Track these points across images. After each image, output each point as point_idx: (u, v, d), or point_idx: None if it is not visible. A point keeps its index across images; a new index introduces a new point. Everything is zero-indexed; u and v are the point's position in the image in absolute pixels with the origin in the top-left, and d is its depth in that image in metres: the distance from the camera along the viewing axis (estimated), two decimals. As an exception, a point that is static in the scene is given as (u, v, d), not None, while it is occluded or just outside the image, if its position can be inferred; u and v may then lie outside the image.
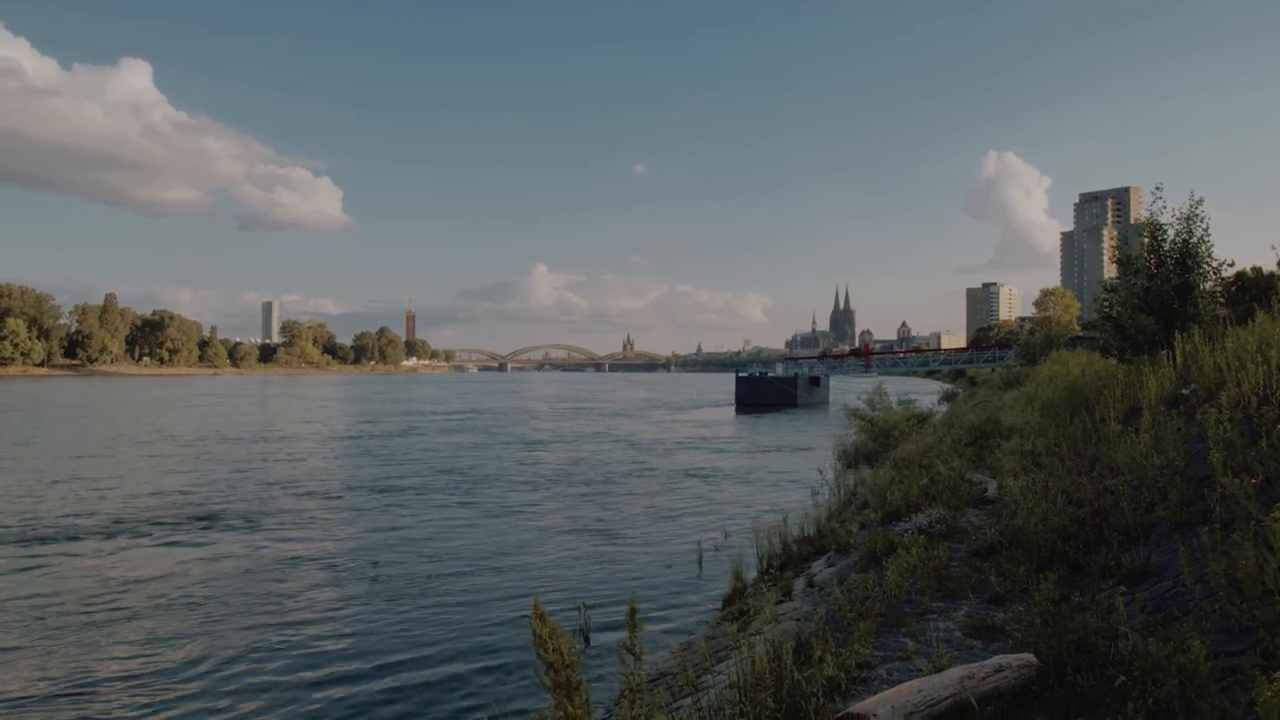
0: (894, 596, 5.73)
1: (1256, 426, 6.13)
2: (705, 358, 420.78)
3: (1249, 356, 7.63)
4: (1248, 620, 3.65)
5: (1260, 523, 4.07)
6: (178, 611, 9.54)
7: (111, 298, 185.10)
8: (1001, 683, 3.70)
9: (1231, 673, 3.33)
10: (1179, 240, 12.79)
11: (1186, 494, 5.80)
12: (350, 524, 15.08)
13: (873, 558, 7.15)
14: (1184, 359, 10.15)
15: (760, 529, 10.56)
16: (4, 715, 6.72)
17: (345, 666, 7.84)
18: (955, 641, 4.81)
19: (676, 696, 5.49)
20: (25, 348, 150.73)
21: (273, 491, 18.65)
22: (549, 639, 3.19)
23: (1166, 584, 4.71)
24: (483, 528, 14.68)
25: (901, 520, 8.40)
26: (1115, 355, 14.18)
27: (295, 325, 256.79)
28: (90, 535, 13.65)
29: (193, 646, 8.34)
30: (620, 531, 14.29)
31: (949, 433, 15.65)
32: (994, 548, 6.36)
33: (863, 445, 21.18)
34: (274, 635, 8.70)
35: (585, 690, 3.28)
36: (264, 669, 7.77)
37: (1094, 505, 6.36)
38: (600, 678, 6.71)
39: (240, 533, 14.04)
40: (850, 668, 4.42)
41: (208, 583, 10.77)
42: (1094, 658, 3.83)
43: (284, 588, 10.62)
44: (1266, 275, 19.02)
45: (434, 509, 16.62)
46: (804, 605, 6.86)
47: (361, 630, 8.91)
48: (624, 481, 20.68)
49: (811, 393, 62.30)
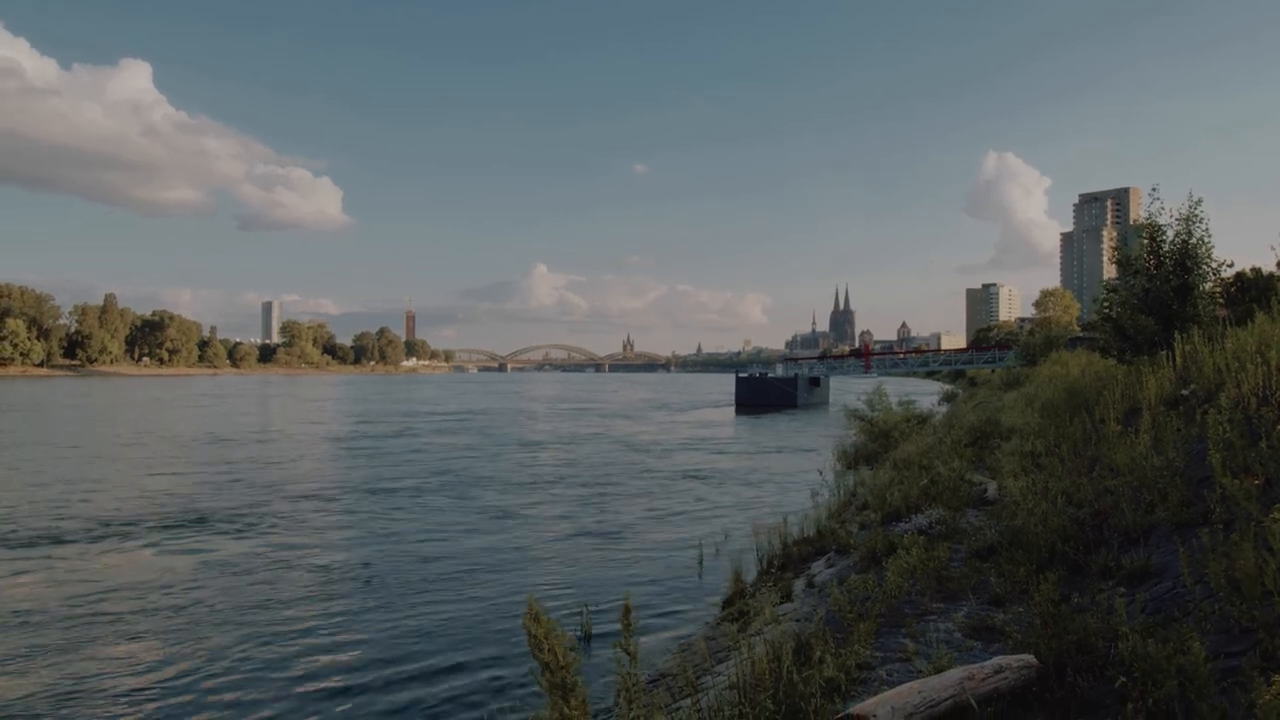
0: (894, 597, 5.72)
1: (1256, 427, 6.13)
2: (705, 358, 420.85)
3: (1248, 357, 7.63)
4: (1247, 621, 3.64)
5: (1260, 524, 4.07)
6: (168, 616, 9.44)
7: (111, 298, 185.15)
8: (1001, 684, 3.70)
9: (1231, 674, 3.33)
10: (1178, 241, 12.79)
11: (1186, 495, 5.80)
12: (347, 526, 15.06)
13: (873, 558, 7.14)
14: (1184, 360, 10.15)
15: (760, 530, 10.56)
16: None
17: (343, 668, 7.83)
18: (955, 642, 4.81)
19: (676, 697, 5.49)
20: (25, 348, 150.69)
21: (267, 494, 18.63)
22: (544, 639, 3.18)
23: (1166, 585, 4.70)
24: (482, 529, 14.67)
25: (901, 521, 8.40)
26: (1115, 356, 14.18)
27: (295, 325, 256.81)
28: (76, 538, 13.52)
29: (183, 650, 8.27)
30: (620, 533, 14.29)
31: (949, 433, 15.65)
32: (994, 548, 6.36)
33: (862, 446, 21.18)
34: (268, 638, 8.64)
35: (582, 691, 3.27)
36: (258, 674, 7.69)
37: (1094, 506, 6.36)
38: (604, 678, 6.71)
39: (230, 536, 13.97)
40: (850, 669, 4.41)
41: (196, 586, 10.65)
42: (1094, 659, 3.83)
43: (278, 590, 10.56)
44: (1266, 276, 19.02)
45: (433, 511, 16.61)
46: (804, 606, 6.85)
47: (359, 631, 8.88)
48: (624, 482, 20.67)
49: (811, 393, 62.31)
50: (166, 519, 15.12)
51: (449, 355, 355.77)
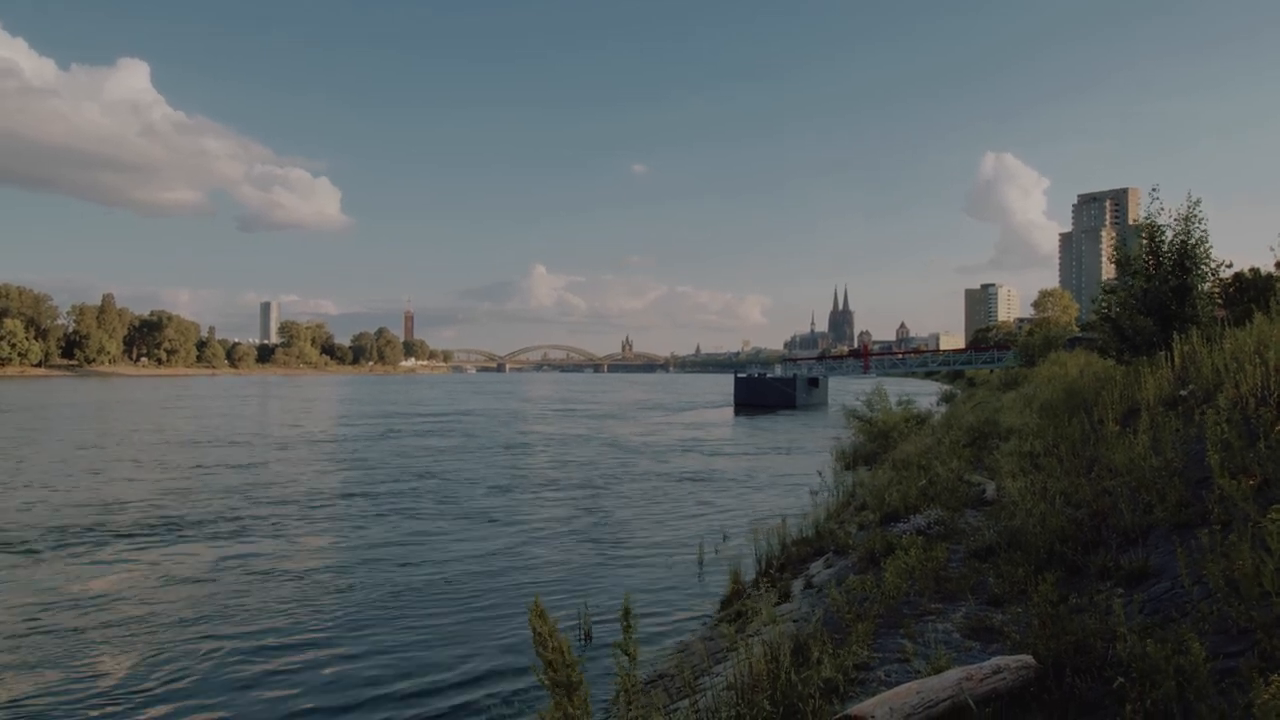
0: (892, 598, 5.72)
1: (1254, 428, 6.13)
2: (704, 358, 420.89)
3: (1247, 358, 7.63)
4: (1245, 622, 3.65)
5: (1258, 524, 4.07)
6: (147, 623, 9.14)
7: (109, 298, 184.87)
8: (1000, 684, 3.70)
9: (1229, 674, 3.33)
10: (1176, 241, 12.81)
11: (1185, 495, 5.80)
12: (336, 531, 15.02)
13: (871, 559, 7.14)
14: (1182, 360, 10.16)
15: (759, 530, 10.55)
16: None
17: (342, 671, 7.82)
18: (953, 643, 4.80)
19: (674, 698, 5.48)
20: (23, 348, 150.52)
21: (249, 498, 18.55)
22: (549, 637, 3.18)
23: (1165, 585, 4.71)
24: (480, 531, 14.65)
25: (900, 521, 8.39)
26: (1114, 356, 14.19)
27: (294, 326, 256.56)
28: (51, 544, 13.14)
29: (157, 657, 8.03)
30: (618, 533, 14.28)
31: (947, 434, 15.66)
32: (992, 549, 6.36)
33: (861, 446, 21.21)
34: (254, 646, 8.47)
35: (585, 690, 3.27)
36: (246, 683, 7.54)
37: (1092, 506, 6.36)
38: (601, 678, 6.70)
39: (217, 541, 13.87)
40: (848, 669, 4.41)
41: (162, 597, 10.11)
42: (1092, 659, 3.83)
43: (265, 597, 10.33)
44: (1264, 277, 19.04)
45: (427, 515, 16.57)
46: (802, 606, 6.85)
47: (353, 634, 8.86)
48: (622, 483, 20.66)
49: (810, 394, 62.31)
50: (145, 524, 14.85)
51: (448, 355, 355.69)
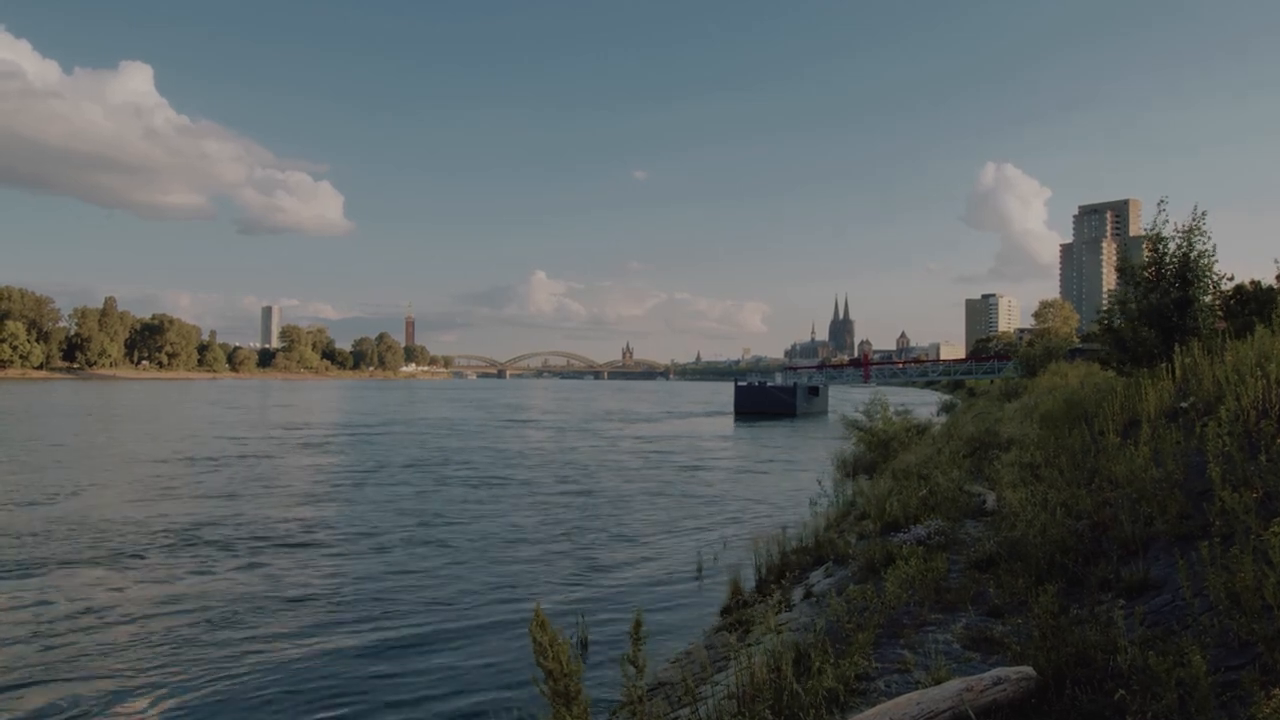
0: (892, 608, 5.71)
1: (1255, 440, 6.14)
2: (704, 366, 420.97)
3: (1248, 370, 7.63)
4: (1247, 635, 3.65)
5: (1259, 537, 4.07)
6: (138, 638, 8.94)
7: (111, 301, 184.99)
8: (1000, 695, 3.69)
9: (1231, 687, 3.33)
10: (1179, 253, 12.82)
11: (1185, 507, 5.80)
12: (329, 535, 15.02)
13: (871, 568, 7.14)
14: (1183, 372, 10.16)
15: (759, 539, 10.53)
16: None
17: (340, 671, 7.81)
18: (954, 654, 4.80)
19: (675, 706, 5.47)
20: (24, 350, 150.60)
21: (247, 506, 18.58)
22: (549, 646, 3.18)
23: (1165, 597, 4.70)
24: (479, 535, 14.62)
25: (900, 531, 8.38)
26: (1114, 368, 14.18)
27: (294, 330, 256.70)
28: (37, 557, 13.06)
29: (154, 674, 7.94)
30: (618, 541, 14.25)
31: (948, 444, 15.66)
32: (993, 559, 6.35)
33: (861, 455, 21.17)
34: (253, 655, 8.47)
35: (584, 699, 3.26)
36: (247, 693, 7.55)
37: (1093, 518, 6.36)
38: (599, 688, 6.69)
39: (207, 555, 13.91)
40: (849, 679, 4.40)
41: (168, 608, 9.93)
42: (1093, 671, 3.83)
43: (264, 607, 10.27)
44: (1266, 289, 19.04)
45: (423, 521, 16.56)
46: (803, 616, 6.84)
47: (348, 639, 8.85)
48: (622, 491, 20.63)
49: (810, 402, 62.26)
50: (138, 534, 15.04)
51: (448, 361, 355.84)
